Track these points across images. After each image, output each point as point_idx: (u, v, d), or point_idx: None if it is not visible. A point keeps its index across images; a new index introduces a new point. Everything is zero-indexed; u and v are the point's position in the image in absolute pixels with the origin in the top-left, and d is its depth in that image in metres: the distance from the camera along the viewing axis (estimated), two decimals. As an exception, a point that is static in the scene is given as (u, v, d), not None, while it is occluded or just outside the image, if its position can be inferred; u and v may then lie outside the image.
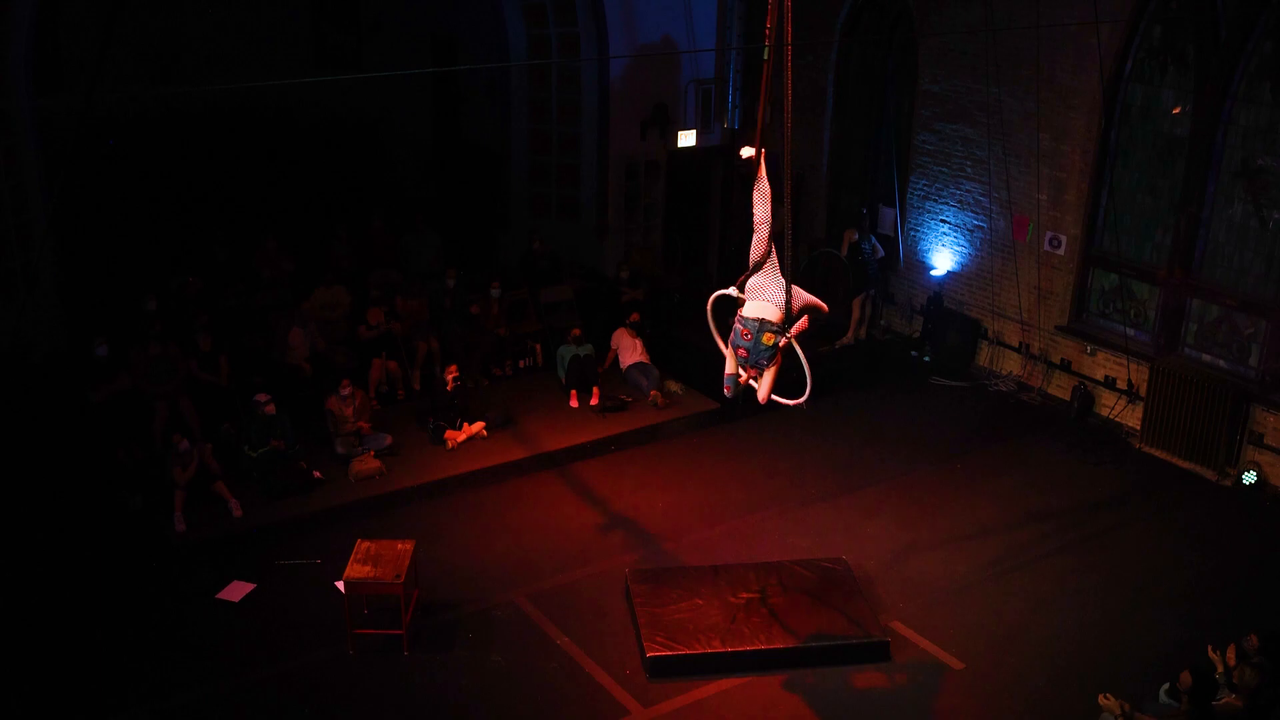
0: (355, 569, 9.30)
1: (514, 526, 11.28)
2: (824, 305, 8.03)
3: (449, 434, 12.45)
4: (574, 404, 13.51)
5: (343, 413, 12.09)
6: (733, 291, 7.92)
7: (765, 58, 7.36)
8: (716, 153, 17.39)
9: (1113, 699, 8.13)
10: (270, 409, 11.53)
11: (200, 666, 9.17)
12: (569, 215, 16.77)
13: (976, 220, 14.63)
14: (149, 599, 10.00)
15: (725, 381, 7.96)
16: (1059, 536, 11.18)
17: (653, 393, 13.58)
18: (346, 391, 12.15)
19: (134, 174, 16.43)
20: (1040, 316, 13.99)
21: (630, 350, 14.04)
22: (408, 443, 12.48)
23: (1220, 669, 8.42)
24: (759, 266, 7.77)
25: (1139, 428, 13.00)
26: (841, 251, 15.51)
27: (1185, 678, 8.00)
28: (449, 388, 12.59)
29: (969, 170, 14.56)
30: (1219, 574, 10.65)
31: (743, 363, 7.79)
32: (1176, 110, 12.57)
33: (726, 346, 7.93)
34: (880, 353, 15.55)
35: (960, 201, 14.79)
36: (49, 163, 13.14)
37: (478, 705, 8.86)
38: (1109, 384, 13.45)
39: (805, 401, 7.87)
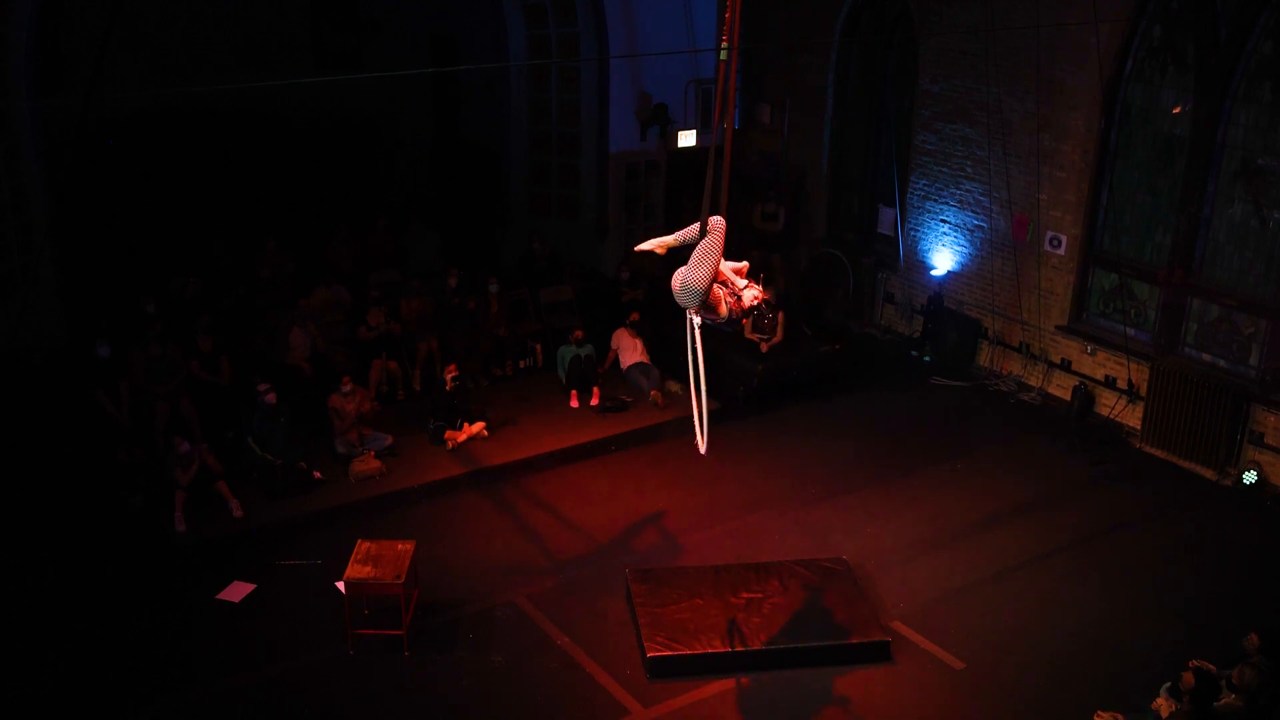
0: (355, 569, 9.30)
1: (514, 526, 11.28)
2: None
3: (449, 434, 12.45)
4: (574, 404, 13.50)
5: (344, 409, 12.11)
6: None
7: (723, 58, 7.50)
8: (716, 153, 17.34)
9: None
10: (271, 398, 11.54)
11: (200, 666, 9.18)
12: (569, 215, 16.77)
13: (976, 220, 14.63)
14: (149, 599, 10.00)
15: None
16: (1059, 536, 11.18)
17: (653, 393, 13.57)
18: (348, 389, 12.18)
19: (134, 174, 16.43)
20: (1040, 316, 13.98)
21: (630, 350, 14.03)
22: (408, 443, 12.47)
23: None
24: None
25: (1139, 427, 13.00)
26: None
27: (1188, 678, 7.99)
28: (449, 388, 12.59)
29: (969, 170, 14.55)
30: (1219, 574, 10.65)
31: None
32: (1176, 110, 12.57)
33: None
34: (880, 353, 15.54)
35: (960, 201, 14.78)
36: (49, 163, 13.14)
37: (478, 705, 8.86)
38: (1109, 384, 13.44)
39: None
